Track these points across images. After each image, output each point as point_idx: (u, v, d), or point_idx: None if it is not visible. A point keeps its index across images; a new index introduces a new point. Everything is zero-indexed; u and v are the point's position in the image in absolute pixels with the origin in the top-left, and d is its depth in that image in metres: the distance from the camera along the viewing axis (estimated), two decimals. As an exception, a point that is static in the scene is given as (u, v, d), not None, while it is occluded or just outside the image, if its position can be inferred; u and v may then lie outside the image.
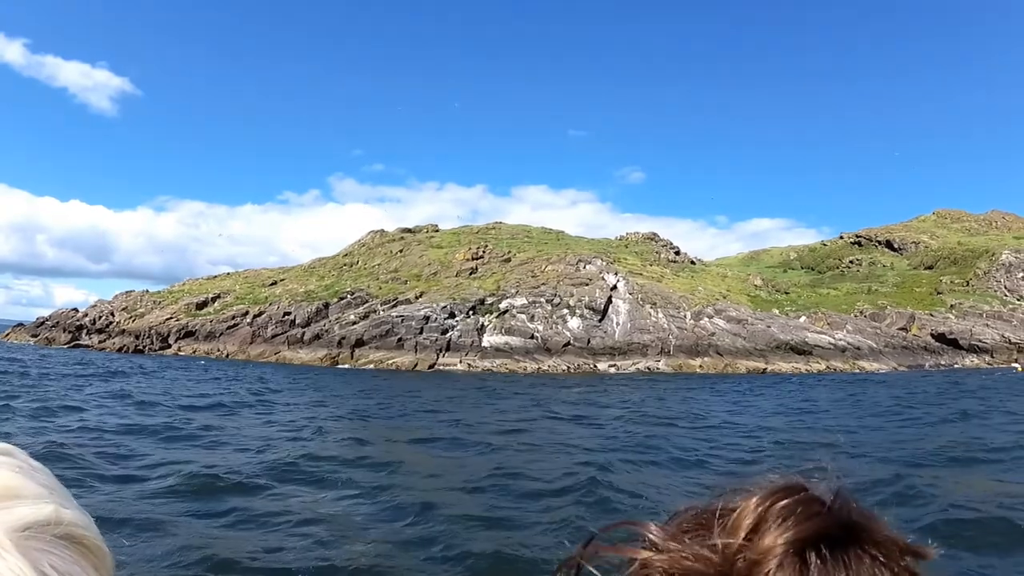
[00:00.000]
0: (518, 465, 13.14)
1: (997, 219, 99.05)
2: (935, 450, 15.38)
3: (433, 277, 67.49)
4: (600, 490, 10.62)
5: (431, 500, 10.02)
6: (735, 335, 61.29)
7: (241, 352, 60.44)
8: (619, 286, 65.73)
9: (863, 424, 21.82)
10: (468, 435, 17.53)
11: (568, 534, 8.31)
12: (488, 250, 71.26)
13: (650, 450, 15.41)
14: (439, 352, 56.47)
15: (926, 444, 16.53)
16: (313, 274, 75.05)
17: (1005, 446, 15.91)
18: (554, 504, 10.13)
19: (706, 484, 8.71)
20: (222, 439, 16.03)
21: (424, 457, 14.53)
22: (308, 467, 12.51)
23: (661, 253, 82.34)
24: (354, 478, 11.80)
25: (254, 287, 73.20)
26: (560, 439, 17.38)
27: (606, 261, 68.52)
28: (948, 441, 16.61)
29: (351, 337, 58.04)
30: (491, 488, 11.13)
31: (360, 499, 10.53)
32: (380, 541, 8.30)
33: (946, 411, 24.72)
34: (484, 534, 8.51)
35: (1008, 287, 74.00)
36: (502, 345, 58.21)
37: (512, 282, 64.71)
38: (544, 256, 68.72)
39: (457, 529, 8.65)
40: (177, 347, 63.05)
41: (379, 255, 76.53)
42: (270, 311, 63.44)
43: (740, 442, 17.41)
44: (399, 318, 58.06)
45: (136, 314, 70.36)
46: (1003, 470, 13.44)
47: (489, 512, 9.61)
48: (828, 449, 15.44)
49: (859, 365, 59.78)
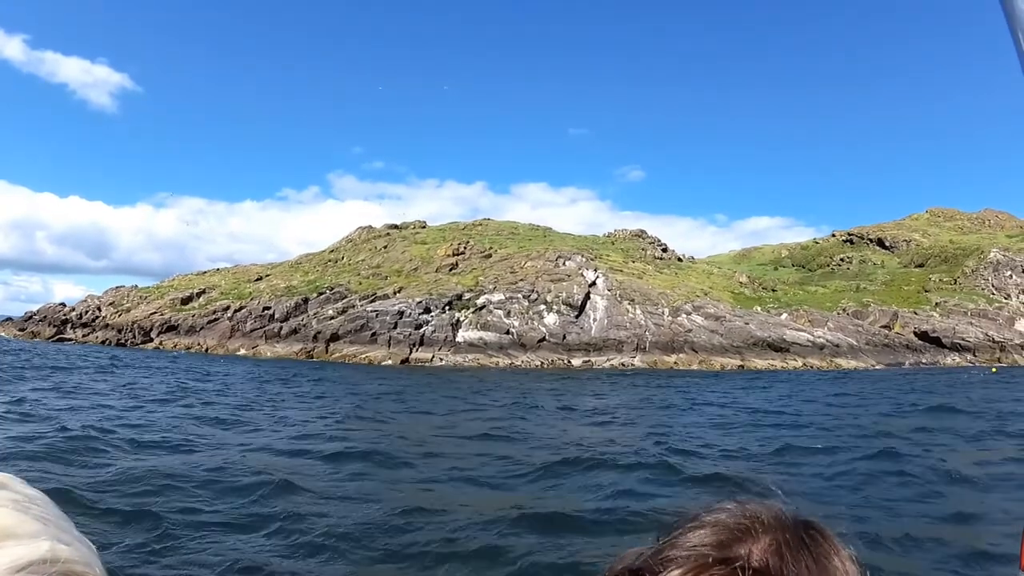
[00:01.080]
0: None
1: (990, 218, 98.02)
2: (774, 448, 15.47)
3: (413, 273, 67.79)
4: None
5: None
6: (712, 332, 61.15)
7: (220, 346, 61.01)
8: (598, 282, 65.74)
9: (742, 421, 21.88)
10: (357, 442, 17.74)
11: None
12: (469, 246, 71.46)
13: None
14: (412, 347, 56.76)
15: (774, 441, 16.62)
16: (299, 270, 75.60)
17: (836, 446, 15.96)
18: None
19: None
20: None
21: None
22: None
23: (647, 250, 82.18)
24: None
25: (240, 283, 73.80)
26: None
27: (586, 257, 68.55)
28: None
29: (326, 332, 58.46)
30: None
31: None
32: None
33: (867, 409, 24.75)
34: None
35: (996, 285, 73.31)
36: (476, 340, 58.40)
37: (491, 278, 64.91)
38: (524, 252, 68.84)
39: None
40: (159, 341, 63.70)
41: (364, 251, 76.98)
42: (250, 306, 63.98)
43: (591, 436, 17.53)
44: (373, 313, 58.42)
45: (122, 309, 71.13)
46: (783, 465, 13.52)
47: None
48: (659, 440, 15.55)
49: (836, 363, 59.49)
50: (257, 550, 7.65)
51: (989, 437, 16.56)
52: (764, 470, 12.23)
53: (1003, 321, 68.10)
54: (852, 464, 12.75)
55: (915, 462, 12.78)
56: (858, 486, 11.01)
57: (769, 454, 14.19)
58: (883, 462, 12.93)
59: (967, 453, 14.25)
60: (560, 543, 7.91)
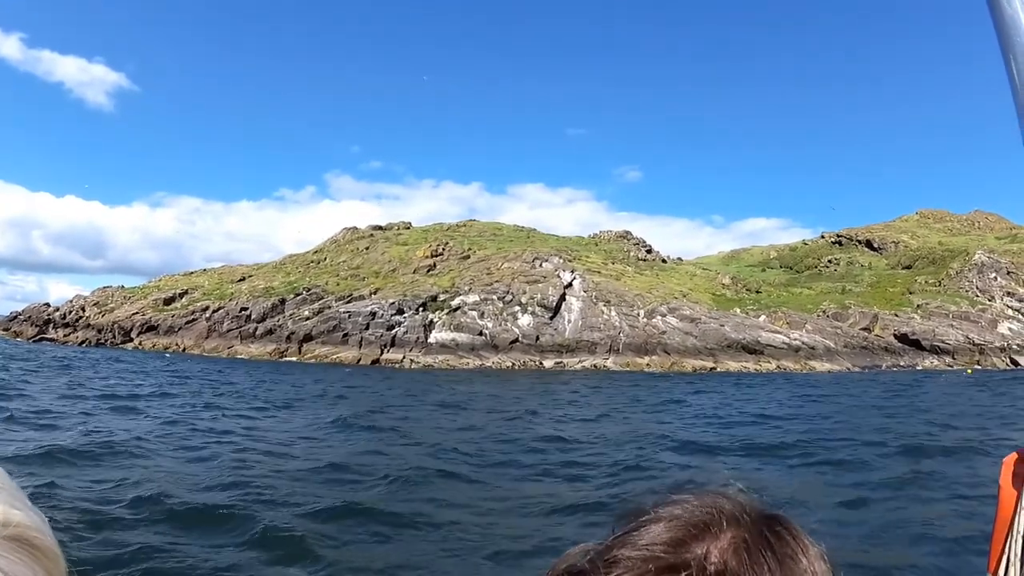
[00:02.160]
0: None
1: (980, 219, 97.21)
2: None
3: (391, 274, 68.08)
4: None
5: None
6: (687, 334, 61.02)
7: (197, 346, 61.52)
8: (575, 284, 65.76)
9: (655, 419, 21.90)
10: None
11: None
12: (448, 247, 71.69)
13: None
14: (383, 348, 57.04)
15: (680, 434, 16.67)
16: (281, 270, 76.07)
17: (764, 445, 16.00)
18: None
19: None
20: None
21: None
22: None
23: (631, 251, 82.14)
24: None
25: (223, 283, 74.35)
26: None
27: (564, 259, 68.58)
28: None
29: (300, 332, 58.85)
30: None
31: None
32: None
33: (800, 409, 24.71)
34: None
35: (980, 287, 72.70)
36: (448, 342, 58.60)
37: (467, 279, 65.08)
38: (502, 254, 68.95)
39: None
40: (138, 341, 64.29)
41: (347, 252, 77.38)
42: (228, 307, 64.45)
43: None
44: (346, 314, 58.74)
45: (106, 309, 71.83)
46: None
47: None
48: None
49: (811, 365, 59.22)
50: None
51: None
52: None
53: (985, 323, 67.52)
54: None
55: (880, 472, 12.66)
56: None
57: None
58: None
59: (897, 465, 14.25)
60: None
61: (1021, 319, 69.06)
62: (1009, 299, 71.22)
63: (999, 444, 15.44)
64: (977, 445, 15.36)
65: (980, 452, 14.49)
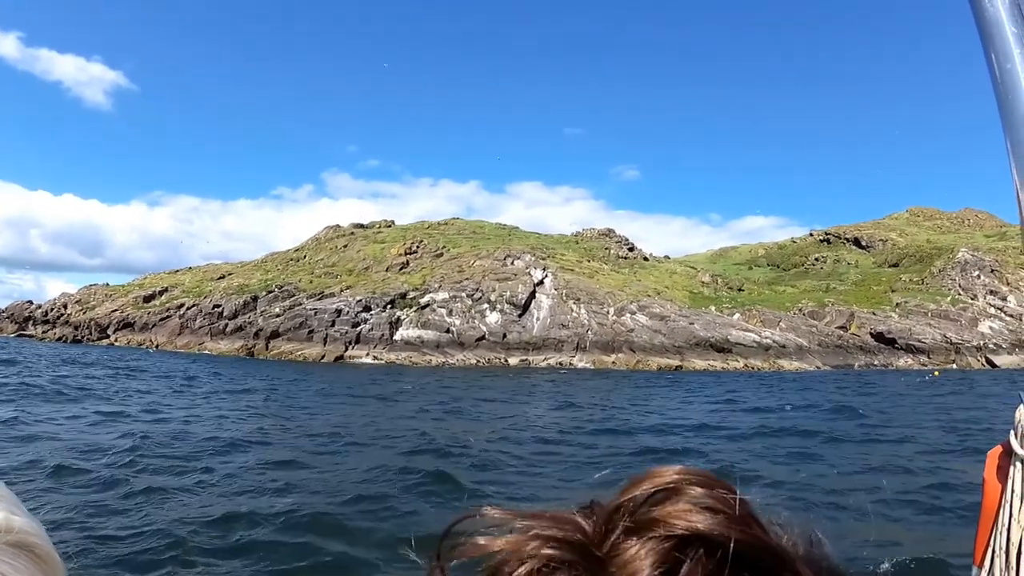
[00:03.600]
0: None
1: (970, 217, 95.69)
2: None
3: (364, 272, 68.37)
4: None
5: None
6: (655, 332, 60.70)
7: (169, 343, 62.22)
8: (546, 282, 65.67)
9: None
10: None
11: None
12: (423, 246, 71.87)
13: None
14: (348, 344, 57.33)
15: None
16: (261, 268, 76.67)
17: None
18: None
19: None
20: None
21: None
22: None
23: (611, 249, 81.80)
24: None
25: (204, 281, 75.07)
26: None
27: (536, 257, 68.47)
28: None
29: (268, 329, 59.30)
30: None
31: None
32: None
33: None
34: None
35: (963, 285, 71.56)
36: (413, 339, 58.76)
37: (438, 277, 65.20)
38: (474, 252, 68.99)
39: None
40: (114, 338, 65.16)
41: (326, 250, 77.82)
42: (202, 304, 65.08)
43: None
44: (312, 311, 59.11)
45: (88, 306, 72.83)
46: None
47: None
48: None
49: (779, 364, 58.67)
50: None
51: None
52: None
53: (965, 322, 66.48)
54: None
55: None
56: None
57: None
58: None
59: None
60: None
61: (1003, 318, 67.94)
62: (992, 297, 70.06)
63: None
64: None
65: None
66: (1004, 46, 0.99)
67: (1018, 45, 0.99)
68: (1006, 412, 1.13)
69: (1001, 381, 40.73)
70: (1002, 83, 0.98)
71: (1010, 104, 0.97)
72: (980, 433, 17.26)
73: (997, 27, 1.00)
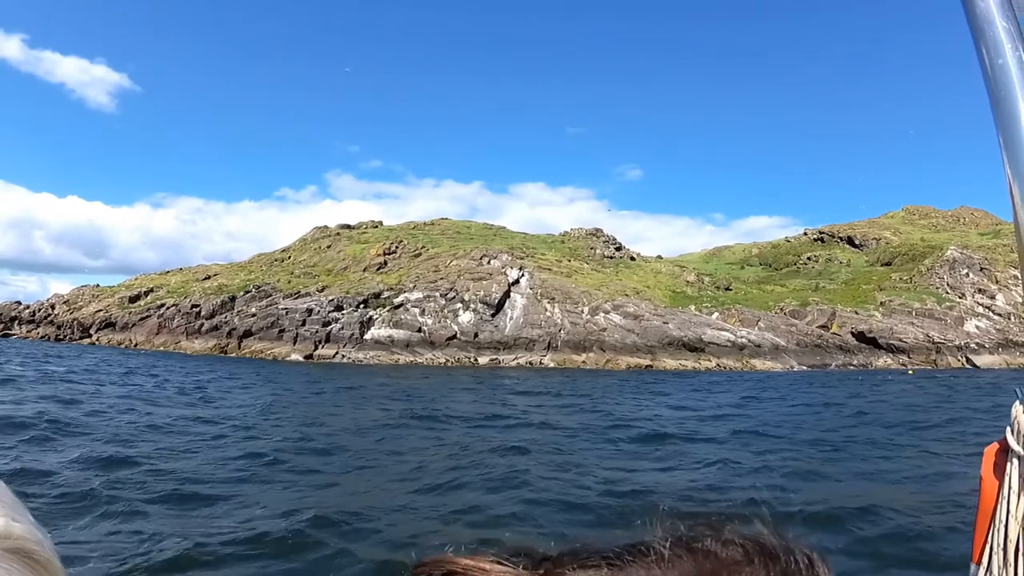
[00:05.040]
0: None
1: (965, 215, 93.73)
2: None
3: (343, 272, 68.72)
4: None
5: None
6: (628, 331, 60.27)
7: (148, 342, 62.99)
8: (521, 281, 65.50)
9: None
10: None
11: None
12: (402, 246, 72.04)
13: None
14: (317, 343, 57.62)
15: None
16: (245, 269, 77.37)
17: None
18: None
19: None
20: None
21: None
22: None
23: (597, 249, 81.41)
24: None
25: (189, 282, 75.90)
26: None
27: (514, 256, 68.32)
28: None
29: (241, 328, 59.81)
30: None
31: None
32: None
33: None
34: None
35: (951, 284, 70.14)
36: (384, 338, 58.90)
37: (413, 276, 65.33)
38: (451, 252, 69.03)
39: None
40: (96, 337, 66.11)
41: (310, 250, 78.35)
42: (182, 304, 65.81)
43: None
44: (284, 310, 59.52)
45: (75, 307, 73.98)
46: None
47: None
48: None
49: (752, 364, 57.94)
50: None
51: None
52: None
53: (951, 321, 65.16)
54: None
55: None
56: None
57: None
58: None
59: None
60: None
61: (991, 317, 66.52)
62: (980, 296, 68.59)
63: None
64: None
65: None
66: (995, 41, 0.99)
67: (1008, 40, 0.98)
68: (937, 412, 1.02)
69: (977, 381, 39.99)
70: (993, 78, 0.98)
71: (1001, 99, 0.97)
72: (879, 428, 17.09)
73: (988, 22, 1.00)
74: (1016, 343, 62.54)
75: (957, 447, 14.76)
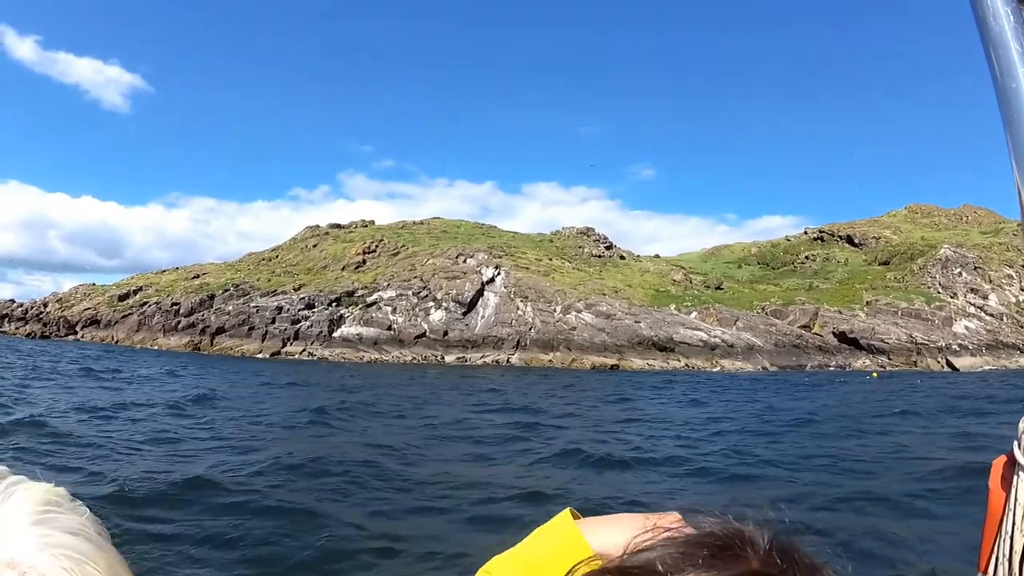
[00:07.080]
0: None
1: (968, 214, 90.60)
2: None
3: (322, 271, 69.22)
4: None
5: None
6: (599, 330, 59.61)
7: (128, 339, 64.18)
8: (496, 280, 65.24)
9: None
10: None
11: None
12: (381, 244, 72.28)
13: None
14: (286, 341, 58.10)
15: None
16: (232, 268, 78.41)
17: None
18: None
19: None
20: None
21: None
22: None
23: (586, 248, 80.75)
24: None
25: (178, 281, 77.18)
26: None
27: (491, 255, 68.10)
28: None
29: (213, 325, 60.61)
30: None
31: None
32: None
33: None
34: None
35: (943, 283, 67.94)
36: (352, 336, 59.16)
37: (388, 275, 65.53)
38: (428, 251, 69.07)
39: None
40: (81, 334, 67.64)
41: (297, 249, 79.12)
42: (163, 302, 66.94)
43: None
44: (254, 308, 60.16)
45: (67, 305, 75.75)
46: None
47: None
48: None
49: (721, 364, 56.83)
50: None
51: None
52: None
53: (939, 322, 63.09)
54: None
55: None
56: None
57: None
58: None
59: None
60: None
61: (982, 317, 64.28)
62: (972, 296, 66.33)
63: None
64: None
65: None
66: (1008, 64, 1.00)
67: (1022, 63, 1.00)
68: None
69: (933, 383, 38.63)
70: (1006, 100, 1.00)
71: (1014, 119, 0.98)
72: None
73: (1003, 46, 1.01)
74: (1006, 344, 60.36)
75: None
